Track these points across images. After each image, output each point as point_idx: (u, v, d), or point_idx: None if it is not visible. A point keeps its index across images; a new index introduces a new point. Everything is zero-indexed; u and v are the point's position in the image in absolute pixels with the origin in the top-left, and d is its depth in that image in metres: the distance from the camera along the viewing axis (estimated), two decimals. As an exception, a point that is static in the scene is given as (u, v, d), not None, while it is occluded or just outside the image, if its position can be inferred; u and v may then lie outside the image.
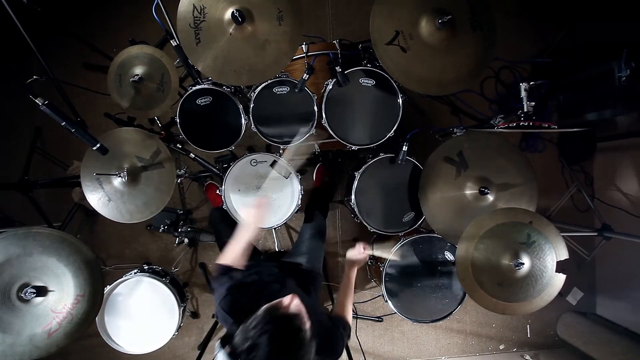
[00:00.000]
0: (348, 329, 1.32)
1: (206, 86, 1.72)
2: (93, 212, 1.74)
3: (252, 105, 1.69)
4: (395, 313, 1.82)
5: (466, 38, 1.49)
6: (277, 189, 1.79)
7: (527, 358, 2.52)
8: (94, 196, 1.57)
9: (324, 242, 1.81)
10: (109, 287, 1.81)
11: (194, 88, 1.72)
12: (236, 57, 1.46)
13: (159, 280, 1.86)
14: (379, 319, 2.46)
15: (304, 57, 1.80)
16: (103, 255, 2.40)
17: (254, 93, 1.69)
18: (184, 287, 2.11)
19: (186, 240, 2.30)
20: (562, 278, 1.44)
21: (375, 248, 1.76)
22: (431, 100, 2.48)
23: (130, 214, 1.58)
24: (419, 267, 1.83)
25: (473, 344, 2.57)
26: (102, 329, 1.81)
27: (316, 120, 1.72)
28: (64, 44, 2.34)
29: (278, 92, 1.71)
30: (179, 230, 2.30)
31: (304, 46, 1.78)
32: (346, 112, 1.74)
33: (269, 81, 1.68)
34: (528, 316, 2.57)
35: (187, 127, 1.76)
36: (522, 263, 1.41)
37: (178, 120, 1.74)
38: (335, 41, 1.82)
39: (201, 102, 1.74)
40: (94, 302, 1.37)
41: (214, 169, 1.96)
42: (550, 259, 1.44)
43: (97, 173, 1.54)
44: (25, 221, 2.04)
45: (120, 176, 1.52)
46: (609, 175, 2.47)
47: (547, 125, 1.62)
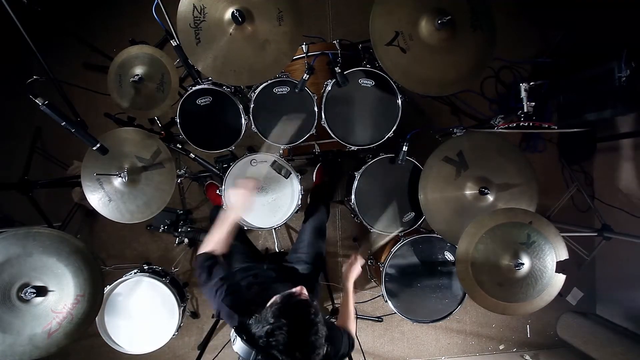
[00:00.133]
0: (352, 339, 1.34)
1: (206, 86, 1.72)
2: (93, 212, 1.74)
3: (252, 105, 1.69)
4: (395, 313, 1.82)
5: (466, 38, 1.49)
6: (277, 189, 1.79)
7: (527, 358, 2.52)
8: (94, 196, 1.57)
9: (324, 242, 1.81)
10: (109, 287, 1.81)
11: (194, 88, 1.73)
12: (236, 57, 1.46)
13: (159, 280, 1.86)
14: (379, 319, 2.45)
15: (304, 57, 1.80)
16: (103, 255, 2.40)
17: (254, 93, 1.69)
18: (184, 287, 2.11)
19: (186, 240, 2.30)
20: (562, 278, 1.44)
21: (371, 243, 1.74)
22: (431, 100, 2.48)
23: (130, 214, 1.58)
24: (419, 267, 1.83)
25: (473, 344, 2.57)
26: (102, 329, 1.81)
27: (316, 121, 1.72)
28: (64, 44, 2.34)
29: (278, 92, 1.71)
30: (179, 230, 2.30)
31: (304, 46, 1.77)
32: (346, 112, 1.74)
33: (269, 81, 1.67)
34: (528, 316, 2.57)
35: (187, 127, 1.76)
36: (522, 263, 1.41)
37: (178, 120, 1.74)
38: (335, 41, 1.82)
39: (201, 102, 1.74)
40: (94, 302, 1.37)
41: (214, 169, 1.96)
42: (550, 259, 1.44)
43: (97, 173, 1.54)
44: (25, 221, 2.03)
45: (120, 176, 1.53)
46: (609, 175, 2.47)
47: (547, 126, 1.62)
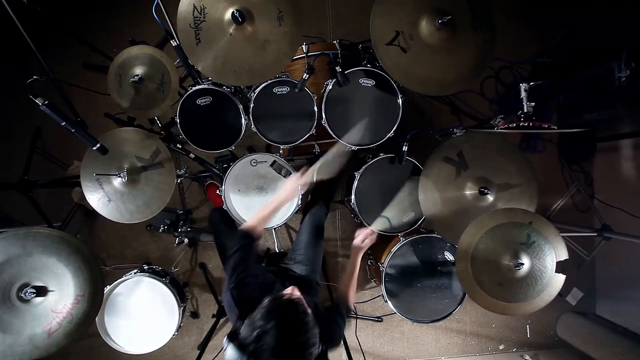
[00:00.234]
0: (348, 311, 1.37)
1: (206, 86, 1.72)
2: (93, 212, 1.74)
3: (252, 105, 1.69)
4: (395, 313, 1.82)
5: (466, 38, 1.49)
6: (277, 189, 1.79)
7: (526, 358, 2.52)
8: (94, 196, 1.57)
9: (323, 242, 1.81)
10: (109, 287, 1.81)
11: (194, 88, 1.72)
12: (236, 57, 1.46)
13: (159, 280, 1.86)
14: (379, 319, 2.45)
15: (304, 57, 1.80)
16: (103, 255, 2.40)
17: (254, 93, 1.69)
18: (184, 287, 2.11)
19: (186, 240, 2.30)
20: (561, 278, 1.44)
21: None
22: (431, 100, 2.48)
23: (130, 214, 1.58)
24: (419, 267, 1.83)
25: (473, 344, 2.57)
26: (102, 329, 1.81)
27: (316, 121, 1.72)
28: (64, 44, 2.34)
29: (278, 92, 1.71)
30: (179, 230, 2.30)
31: (304, 46, 1.78)
32: (346, 112, 1.74)
33: (269, 81, 1.67)
34: (528, 316, 2.57)
35: (187, 127, 1.76)
36: (522, 263, 1.41)
37: (178, 120, 1.74)
38: (335, 41, 1.82)
39: (201, 102, 1.74)
40: (94, 302, 1.37)
41: (214, 169, 1.96)
42: (550, 259, 1.44)
43: (97, 173, 1.54)
44: (25, 221, 2.03)
45: (120, 176, 1.53)
46: (609, 175, 2.47)
47: (547, 126, 1.62)
